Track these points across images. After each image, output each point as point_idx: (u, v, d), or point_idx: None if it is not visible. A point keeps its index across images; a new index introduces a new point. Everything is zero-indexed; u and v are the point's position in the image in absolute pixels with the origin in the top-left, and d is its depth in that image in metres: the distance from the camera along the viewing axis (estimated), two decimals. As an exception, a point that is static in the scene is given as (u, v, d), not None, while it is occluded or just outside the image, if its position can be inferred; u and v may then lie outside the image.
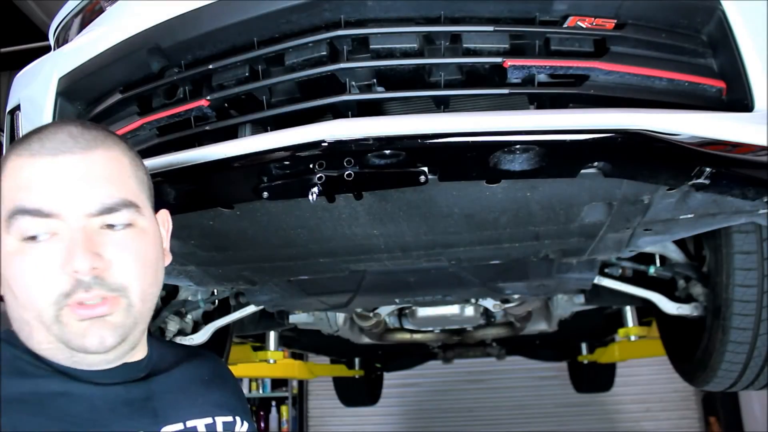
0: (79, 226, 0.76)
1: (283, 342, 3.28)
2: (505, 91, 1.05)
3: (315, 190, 1.02)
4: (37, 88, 1.39)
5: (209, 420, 0.89)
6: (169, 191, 1.12)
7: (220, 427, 0.89)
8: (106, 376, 0.82)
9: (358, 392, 5.06)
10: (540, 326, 2.98)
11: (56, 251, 0.75)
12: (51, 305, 0.75)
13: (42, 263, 0.75)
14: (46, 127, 0.80)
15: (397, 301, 2.25)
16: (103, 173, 0.79)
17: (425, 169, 1.02)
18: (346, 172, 1.00)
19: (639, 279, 2.04)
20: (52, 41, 1.61)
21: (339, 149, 1.00)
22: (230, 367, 1.11)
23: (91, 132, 0.81)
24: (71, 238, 0.76)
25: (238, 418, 0.93)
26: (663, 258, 1.95)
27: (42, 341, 0.78)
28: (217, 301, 2.23)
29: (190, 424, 0.86)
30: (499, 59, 1.03)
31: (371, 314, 2.55)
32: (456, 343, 3.61)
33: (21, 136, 0.83)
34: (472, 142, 0.98)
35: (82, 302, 0.76)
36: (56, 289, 0.75)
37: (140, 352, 0.87)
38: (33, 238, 0.76)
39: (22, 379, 0.76)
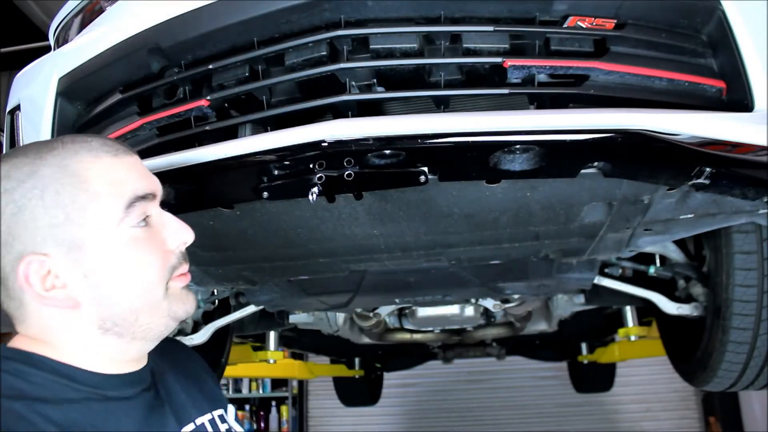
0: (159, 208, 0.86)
1: (283, 342, 3.28)
2: (505, 91, 1.05)
3: (315, 190, 1.02)
4: (37, 88, 1.39)
5: (210, 416, 0.93)
6: (169, 191, 1.12)
7: (218, 421, 0.94)
8: (130, 388, 0.84)
9: (358, 392, 5.06)
10: (540, 326, 2.98)
11: (157, 231, 0.83)
12: (163, 282, 0.82)
13: (155, 242, 0.82)
14: (91, 137, 0.84)
15: (397, 301, 2.25)
16: None
17: (425, 169, 1.02)
18: (346, 172, 1.00)
19: (639, 279, 2.04)
20: (52, 41, 1.61)
21: (339, 149, 1.00)
22: (230, 368, 1.14)
23: None
24: (166, 216, 0.85)
25: (224, 409, 0.98)
26: (663, 258, 1.95)
27: (146, 321, 0.82)
28: (217, 301, 2.23)
29: (198, 422, 0.90)
30: (499, 59, 1.03)
31: (371, 314, 2.55)
32: (456, 343, 3.61)
33: (65, 142, 0.81)
34: (472, 142, 0.98)
35: (183, 272, 0.86)
36: (168, 264, 0.83)
37: (145, 358, 0.89)
38: (140, 223, 0.82)
39: (78, 405, 0.77)
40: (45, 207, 0.76)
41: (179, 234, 0.86)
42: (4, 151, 0.86)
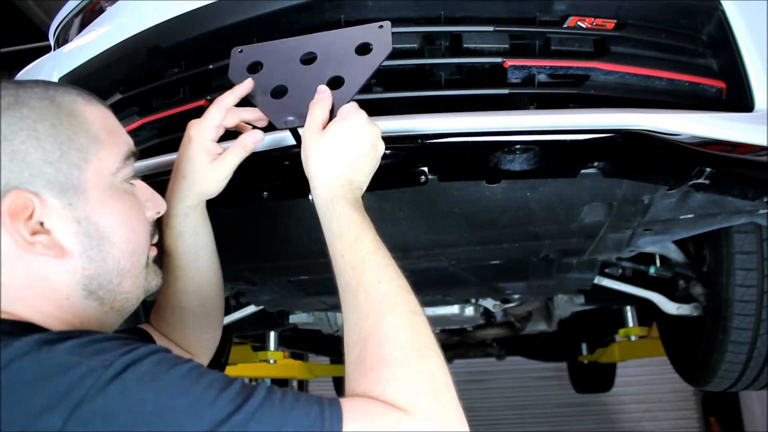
0: None
1: (283, 342, 3.29)
2: (505, 91, 1.05)
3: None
4: (37, 88, 1.39)
5: None
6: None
7: None
8: None
9: (358, 392, 5.04)
10: (540, 326, 2.98)
11: (138, 195, 0.80)
12: (148, 246, 0.80)
13: (140, 204, 0.80)
14: (58, 83, 0.81)
15: (397, 301, 2.24)
16: None
17: (425, 169, 1.02)
18: (346, 172, 1.00)
19: (639, 279, 2.04)
20: (52, 41, 1.61)
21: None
22: (230, 368, 1.13)
23: None
24: (142, 183, 0.82)
25: None
26: (663, 258, 1.95)
27: (126, 289, 0.77)
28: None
29: None
30: (499, 59, 1.03)
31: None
32: (456, 343, 3.61)
33: (46, 82, 0.76)
34: (472, 142, 0.98)
35: (155, 242, 0.83)
36: (148, 230, 0.80)
37: None
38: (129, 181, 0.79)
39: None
40: (38, 140, 0.69)
41: (155, 202, 0.84)
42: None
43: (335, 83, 0.89)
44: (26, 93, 0.72)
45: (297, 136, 0.92)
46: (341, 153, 0.83)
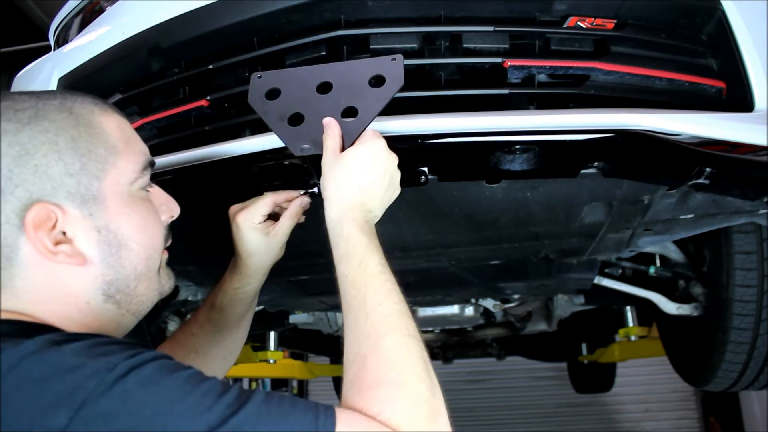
0: None
1: (283, 342, 3.28)
2: (505, 91, 1.05)
3: (315, 190, 1.02)
4: (37, 88, 1.39)
5: None
6: (169, 192, 1.12)
7: None
8: None
9: (358, 392, 5.03)
10: (540, 326, 2.98)
11: (153, 200, 0.83)
12: (161, 250, 0.82)
13: (155, 211, 0.82)
14: (84, 93, 0.81)
15: (397, 301, 2.24)
16: None
17: (425, 169, 1.02)
18: (346, 172, 1.00)
19: (639, 279, 2.04)
20: (52, 41, 1.61)
21: (339, 149, 1.00)
22: (230, 367, 1.19)
23: None
24: (157, 188, 0.84)
25: None
26: (663, 258, 1.95)
27: (141, 293, 0.79)
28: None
29: None
30: (499, 59, 1.03)
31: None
32: (456, 343, 3.61)
33: (63, 92, 0.78)
34: (472, 142, 0.98)
35: (168, 245, 0.85)
36: (163, 235, 0.82)
37: None
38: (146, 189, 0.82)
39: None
40: (59, 153, 0.71)
41: (169, 206, 0.86)
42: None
43: (349, 113, 0.91)
44: (45, 106, 0.74)
45: (312, 163, 0.94)
46: (356, 175, 0.86)
